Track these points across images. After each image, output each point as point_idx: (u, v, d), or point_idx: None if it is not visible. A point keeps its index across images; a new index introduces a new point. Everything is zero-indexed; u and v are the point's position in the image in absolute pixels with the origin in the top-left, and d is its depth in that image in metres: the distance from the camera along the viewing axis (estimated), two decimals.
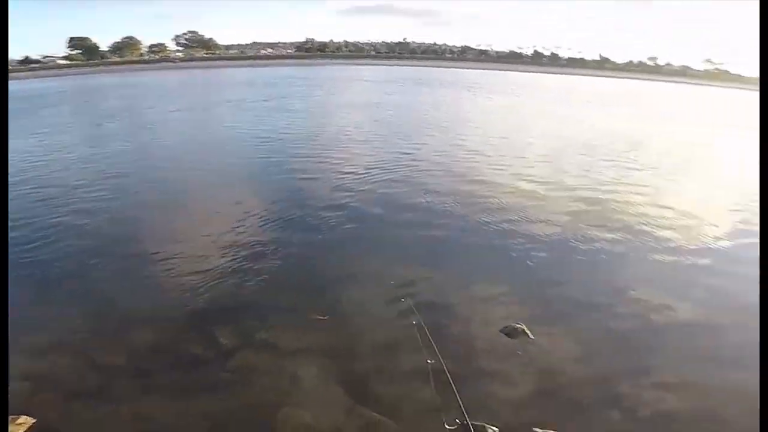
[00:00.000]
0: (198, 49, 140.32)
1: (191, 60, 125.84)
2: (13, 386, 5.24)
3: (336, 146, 18.77)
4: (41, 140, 20.55)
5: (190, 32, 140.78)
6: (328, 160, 16.29)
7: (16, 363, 5.56)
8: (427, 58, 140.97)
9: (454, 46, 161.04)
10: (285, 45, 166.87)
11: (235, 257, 8.84)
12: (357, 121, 25.85)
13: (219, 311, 7.10)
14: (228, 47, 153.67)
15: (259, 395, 5.46)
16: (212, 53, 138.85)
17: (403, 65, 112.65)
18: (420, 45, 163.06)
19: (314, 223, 10.55)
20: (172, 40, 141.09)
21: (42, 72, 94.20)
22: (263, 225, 10.41)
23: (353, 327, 6.73)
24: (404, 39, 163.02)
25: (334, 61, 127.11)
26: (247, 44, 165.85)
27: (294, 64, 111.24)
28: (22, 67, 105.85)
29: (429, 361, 5.89)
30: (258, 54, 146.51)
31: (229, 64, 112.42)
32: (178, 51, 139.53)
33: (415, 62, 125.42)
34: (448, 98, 41.33)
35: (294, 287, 7.80)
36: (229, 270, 8.36)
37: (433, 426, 5.01)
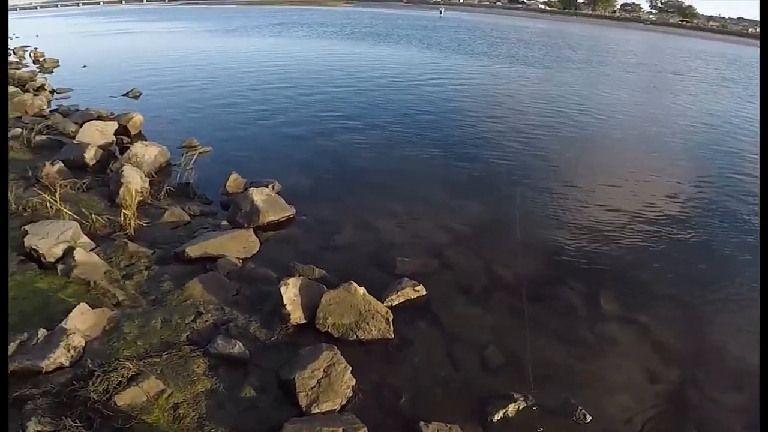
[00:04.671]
0: (673, 14, 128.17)
1: (663, 24, 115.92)
2: (427, 262, 6.67)
3: None
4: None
5: None
6: None
7: (434, 240, 7.27)
8: None
9: None
10: None
11: (644, 227, 8.24)
12: None
13: (615, 274, 6.84)
14: (708, 18, 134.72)
15: (606, 370, 5.11)
16: (687, 21, 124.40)
17: None
18: None
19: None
20: (647, 1, 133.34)
21: (523, 12, 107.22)
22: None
23: None
24: None
25: None
26: (730, 18, 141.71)
27: None
28: (510, 5, 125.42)
29: None
30: (743, 31, 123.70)
31: (706, 36, 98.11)
32: (651, 13, 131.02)
33: None
34: None
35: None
36: (641, 238, 7.87)
37: None
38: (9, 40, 38.56)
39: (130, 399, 3.91)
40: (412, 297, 5.90)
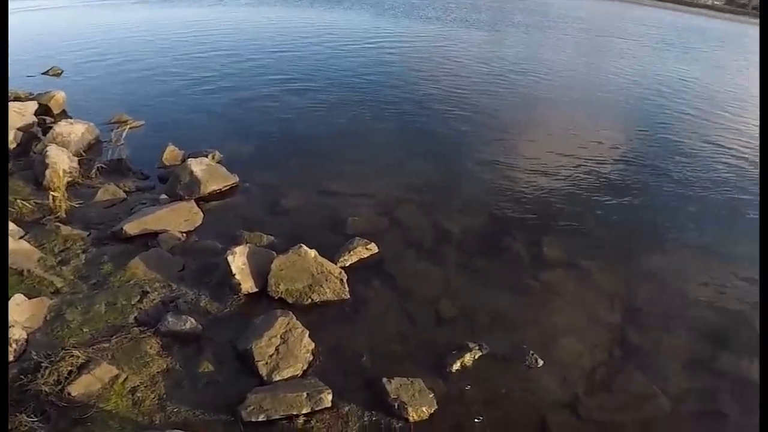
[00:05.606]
0: None
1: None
2: (377, 221, 6.73)
3: None
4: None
5: None
6: None
7: (383, 200, 7.30)
8: None
9: None
10: None
11: (582, 179, 8.67)
12: None
13: (557, 225, 7.15)
14: None
15: (552, 316, 5.36)
16: None
17: None
18: None
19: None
20: None
21: None
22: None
23: None
24: None
25: None
26: None
27: None
28: None
29: None
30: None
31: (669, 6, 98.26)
32: None
33: None
34: None
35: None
36: (581, 191, 8.26)
37: None
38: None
39: (84, 387, 3.81)
40: (365, 256, 5.91)
